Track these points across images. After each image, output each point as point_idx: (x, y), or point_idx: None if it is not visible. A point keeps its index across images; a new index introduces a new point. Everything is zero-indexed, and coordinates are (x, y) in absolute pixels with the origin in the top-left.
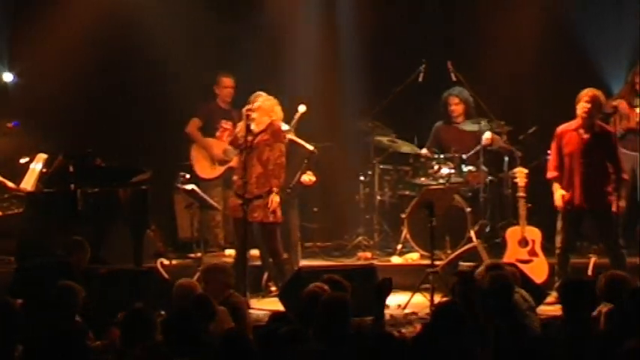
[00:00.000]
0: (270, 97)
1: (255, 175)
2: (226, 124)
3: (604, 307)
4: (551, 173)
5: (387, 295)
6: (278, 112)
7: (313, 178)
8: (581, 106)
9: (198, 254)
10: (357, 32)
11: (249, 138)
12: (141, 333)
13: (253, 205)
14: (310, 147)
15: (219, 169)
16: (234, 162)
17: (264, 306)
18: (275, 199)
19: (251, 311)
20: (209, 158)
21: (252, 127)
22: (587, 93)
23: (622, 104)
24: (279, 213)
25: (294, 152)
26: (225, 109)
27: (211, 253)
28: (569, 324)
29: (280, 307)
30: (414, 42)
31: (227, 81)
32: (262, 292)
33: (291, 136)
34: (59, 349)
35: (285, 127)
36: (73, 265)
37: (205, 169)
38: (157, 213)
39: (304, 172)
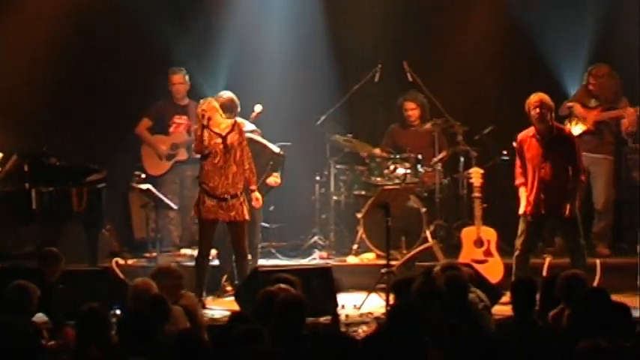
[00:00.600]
0: (212, 99)
1: (231, 174)
2: (180, 119)
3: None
4: (518, 180)
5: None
6: (221, 111)
7: (279, 180)
8: (533, 114)
9: (154, 254)
10: (313, 31)
11: (218, 140)
12: (96, 332)
13: (229, 205)
14: (276, 149)
15: (167, 165)
16: (181, 156)
17: (220, 306)
18: (257, 195)
19: (206, 311)
20: (157, 155)
21: (216, 129)
22: (533, 99)
23: (577, 106)
24: (247, 212)
25: (259, 153)
26: (180, 104)
27: (167, 253)
28: (519, 324)
29: (236, 307)
30: (370, 42)
31: (175, 78)
32: (218, 291)
33: (257, 137)
34: (12, 349)
35: (251, 126)
36: (45, 276)
37: (153, 166)
38: (113, 212)
39: (270, 174)
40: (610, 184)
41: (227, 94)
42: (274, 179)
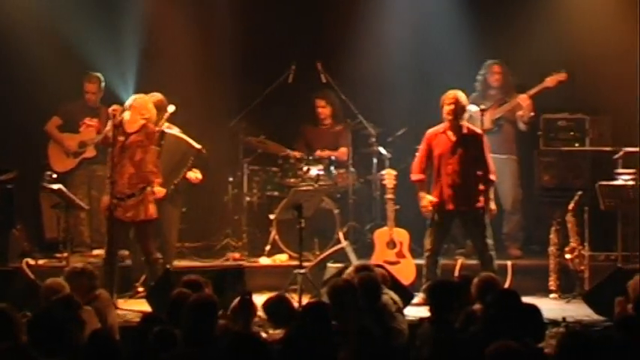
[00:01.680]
0: (144, 95)
1: (127, 175)
2: (90, 122)
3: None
4: (416, 176)
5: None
6: (151, 109)
7: (199, 176)
8: (446, 109)
9: (65, 254)
10: (228, 32)
11: (121, 138)
12: (5, 333)
13: (127, 205)
14: (197, 145)
15: (74, 162)
16: (90, 152)
17: (132, 306)
18: (158, 190)
19: (118, 312)
20: (64, 152)
21: (125, 126)
22: (448, 95)
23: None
24: (151, 210)
25: (179, 151)
26: (92, 107)
27: (78, 253)
28: (435, 325)
29: (147, 308)
30: (284, 43)
31: (89, 87)
32: (130, 292)
33: (179, 133)
34: None
35: (175, 129)
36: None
37: (59, 162)
38: (23, 212)
39: (190, 169)
40: (516, 184)
41: (156, 95)
42: (195, 175)
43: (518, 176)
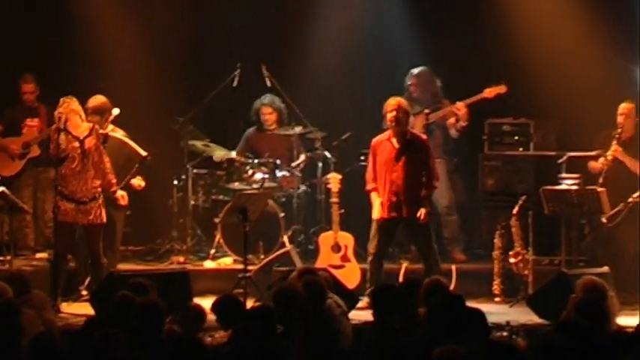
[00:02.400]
0: (74, 99)
1: (89, 179)
2: (32, 122)
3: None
4: (369, 185)
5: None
6: (82, 113)
7: (143, 183)
8: (388, 116)
9: (8, 257)
10: (171, 35)
11: (76, 144)
12: None
13: (88, 208)
14: (143, 152)
15: (20, 164)
16: (34, 152)
17: (75, 310)
18: (121, 194)
19: (62, 315)
20: (9, 157)
21: (72, 131)
22: (391, 102)
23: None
24: (104, 214)
25: (123, 154)
26: (30, 107)
27: (22, 257)
28: (379, 329)
29: (91, 311)
30: (229, 46)
31: (26, 87)
32: (74, 295)
33: (123, 136)
34: None
35: (119, 131)
36: None
37: (6, 167)
38: None
39: (134, 176)
40: (448, 186)
41: (100, 98)
42: (138, 182)
43: (450, 178)
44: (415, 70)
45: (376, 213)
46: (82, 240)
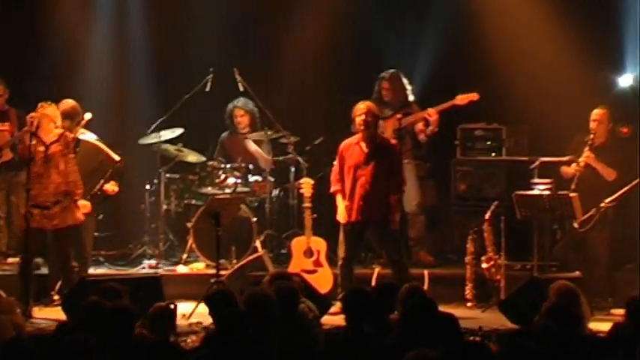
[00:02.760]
0: (53, 104)
1: (53, 185)
2: (2, 126)
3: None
4: (333, 187)
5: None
6: (58, 120)
7: (116, 188)
8: (357, 120)
9: None
10: (146, 40)
11: (41, 149)
12: None
13: (52, 213)
14: (116, 157)
15: None
16: (6, 156)
17: (47, 315)
18: (83, 204)
19: (33, 320)
20: None
21: (42, 136)
22: (360, 106)
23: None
24: (77, 215)
25: (96, 159)
26: (0, 110)
27: None
28: (351, 334)
29: (63, 316)
30: (202, 50)
31: None
32: (46, 300)
33: (96, 141)
34: None
35: (93, 135)
36: None
37: None
38: None
39: (107, 181)
40: (417, 186)
41: (69, 102)
42: (112, 187)
43: (418, 179)
44: (386, 74)
45: (340, 216)
46: (52, 244)
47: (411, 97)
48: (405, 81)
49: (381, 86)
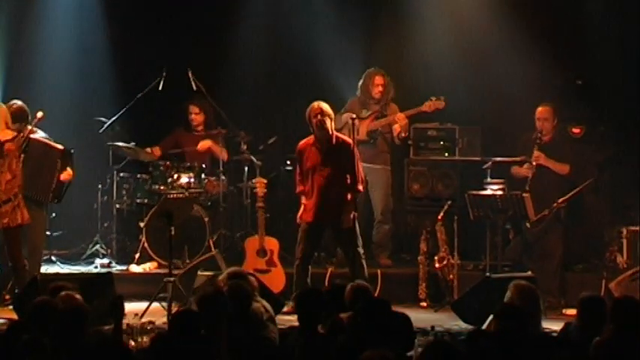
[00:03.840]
0: (2, 105)
1: (4, 182)
2: None
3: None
4: (298, 188)
5: (121, 313)
6: (9, 119)
7: (70, 172)
8: (314, 122)
9: None
10: (97, 38)
11: None
12: None
13: (2, 211)
14: (60, 146)
15: None
16: None
17: None
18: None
19: None
20: None
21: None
22: (314, 108)
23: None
24: (26, 215)
25: (45, 155)
26: None
27: None
28: (304, 334)
29: (15, 316)
30: (156, 49)
31: None
32: None
33: (43, 139)
34: None
35: (42, 133)
36: None
37: None
38: None
39: (61, 172)
40: (388, 194)
41: (17, 103)
42: (66, 175)
43: (391, 186)
44: (376, 72)
45: (299, 216)
46: (3, 243)
47: (390, 99)
48: (389, 82)
49: (373, 82)
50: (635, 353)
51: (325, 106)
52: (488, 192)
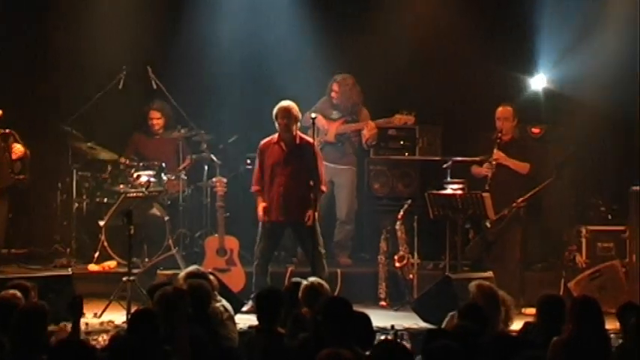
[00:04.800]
0: None
1: None
2: None
3: None
4: (254, 187)
5: (80, 313)
6: None
7: (20, 148)
8: (280, 123)
9: None
10: (54, 35)
11: None
12: None
13: None
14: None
15: None
16: None
17: None
18: None
19: None
20: None
21: None
22: (280, 109)
23: (319, 118)
24: None
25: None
26: None
27: None
28: (264, 333)
29: None
30: (116, 47)
31: None
32: None
33: None
34: None
35: None
36: None
37: None
38: None
39: (9, 151)
40: (353, 195)
41: None
42: (17, 151)
43: (355, 187)
44: (338, 77)
45: (260, 214)
46: None
47: (361, 102)
48: (356, 86)
49: (331, 88)
50: (594, 352)
51: (291, 108)
52: (448, 191)
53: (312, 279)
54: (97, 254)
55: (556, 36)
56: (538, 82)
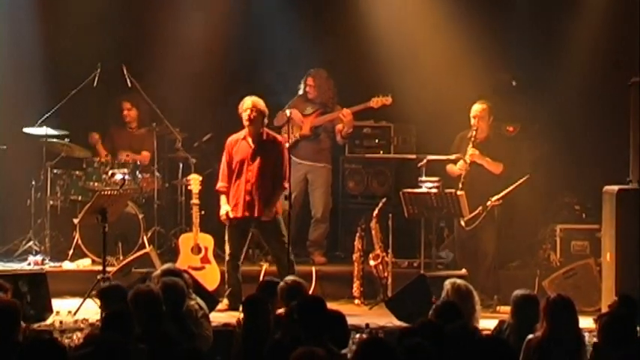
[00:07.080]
0: None
1: None
2: None
3: None
4: (219, 184)
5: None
6: None
7: None
8: (244, 116)
9: None
10: (29, 34)
11: None
12: None
13: None
14: None
15: None
16: None
17: None
18: None
19: None
20: None
21: None
22: (247, 102)
23: (294, 113)
24: None
25: None
26: None
27: None
28: (246, 331)
29: None
30: (89, 45)
31: None
32: None
33: None
34: None
35: None
36: None
37: None
38: None
39: None
40: (328, 193)
41: None
42: None
43: (331, 185)
44: (312, 71)
45: (222, 213)
46: None
47: (335, 97)
48: (330, 80)
49: (306, 82)
50: (568, 351)
51: (257, 102)
52: (423, 190)
53: (290, 278)
54: (71, 252)
55: (529, 32)
56: (512, 79)
